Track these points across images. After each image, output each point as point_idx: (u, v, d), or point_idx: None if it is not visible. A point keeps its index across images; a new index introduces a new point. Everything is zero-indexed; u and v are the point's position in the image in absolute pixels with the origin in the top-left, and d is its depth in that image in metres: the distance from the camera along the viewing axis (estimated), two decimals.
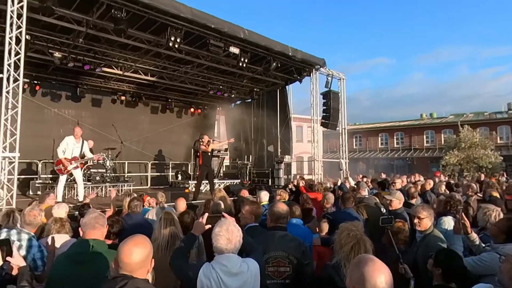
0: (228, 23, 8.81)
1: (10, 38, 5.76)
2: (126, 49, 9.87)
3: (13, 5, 5.76)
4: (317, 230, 4.07)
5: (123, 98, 13.04)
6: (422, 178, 10.26)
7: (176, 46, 8.35)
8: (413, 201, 5.47)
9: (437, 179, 9.52)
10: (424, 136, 33.04)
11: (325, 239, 3.79)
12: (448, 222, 3.72)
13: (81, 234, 2.45)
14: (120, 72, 11.39)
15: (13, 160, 5.84)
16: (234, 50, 9.30)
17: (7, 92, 5.80)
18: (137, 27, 8.32)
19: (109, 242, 2.97)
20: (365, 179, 10.33)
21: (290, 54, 10.45)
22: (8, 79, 5.78)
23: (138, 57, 10.39)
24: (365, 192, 6.47)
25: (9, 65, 5.78)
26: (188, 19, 8.04)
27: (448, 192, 6.77)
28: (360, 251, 2.28)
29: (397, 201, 4.57)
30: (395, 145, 34.51)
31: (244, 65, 9.88)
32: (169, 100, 14.31)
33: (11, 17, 5.76)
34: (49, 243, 3.05)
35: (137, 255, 1.69)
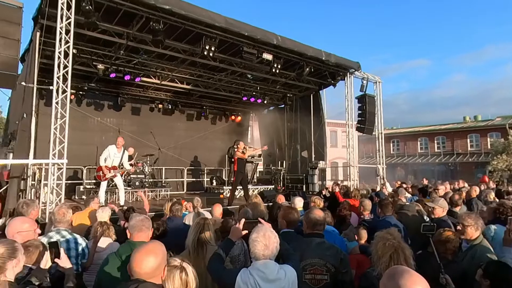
0: (261, 30, 8.89)
1: (59, 52, 6.20)
2: (163, 59, 10.26)
3: (61, 22, 6.20)
4: (356, 238, 3.95)
5: (160, 106, 13.52)
6: (466, 185, 9.63)
7: (211, 54, 8.54)
8: (457, 209, 5.14)
9: (482, 186, 8.88)
10: (468, 140, 30.92)
11: (363, 247, 3.67)
12: (497, 231, 3.47)
13: (128, 236, 2.55)
14: (158, 81, 11.84)
15: (61, 167, 6.23)
16: (267, 56, 9.36)
17: (57, 103, 6.22)
18: (173, 37, 8.63)
19: None
20: (404, 186, 9.90)
21: (323, 58, 10.32)
22: (57, 90, 6.21)
23: (175, 66, 10.75)
24: (404, 199, 6.19)
25: (58, 77, 6.21)
26: (222, 28, 8.20)
27: (498, 200, 6.27)
28: (400, 259, 2.18)
29: (440, 209, 4.34)
30: (436, 150, 32.62)
31: (277, 71, 9.90)
32: (204, 107, 14.66)
33: (60, 33, 6.21)
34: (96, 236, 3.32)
35: (148, 264, 1.68)
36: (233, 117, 15.75)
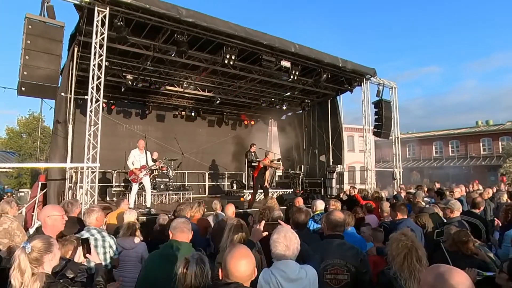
0: (279, 39, 8.97)
1: (94, 65, 6.54)
2: (186, 68, 10.50)
3: (96, 38, 6.55)
4: (372, 239, 3.95)
5: (183, 113, 13.83)
6: (480, 187, 9.49)
7: (231, 63, 8.68)
8: (477, 211, 5.05)
9: (496, 187, 8.73)
10: (481, 144, 30.83)
11: (380, 248, 3.66)
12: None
13: (170, 236, 2.66)
14: (181, 90, 12.11)
15: (94, 170, 6.52)
16: (286, 63, 9.40)
17: (91, 111, 6.54)
18: (196, 48, 8.82)
19: None
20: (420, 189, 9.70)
21: (340, 65, 10.29)
22: (91, 100, 6.53)
23: (197, 75, 10.98)
24: (422, 202, 6.10)
25: (92, 88, 6.54)
26: (242, 38, 8.33)
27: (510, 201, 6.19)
28: (413, 259, 2.21)
29: (449, 210, 4.36)
30: (450, 154, 32.42)
31: (295, 77, 9.91)
32: (224, 113, 14.87)
33: (95, 47, 6.55)
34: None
35: (245, 268, 1.72)
36: (252, 122, 15.84)
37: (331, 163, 12.89)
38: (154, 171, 9.98)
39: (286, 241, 2.19)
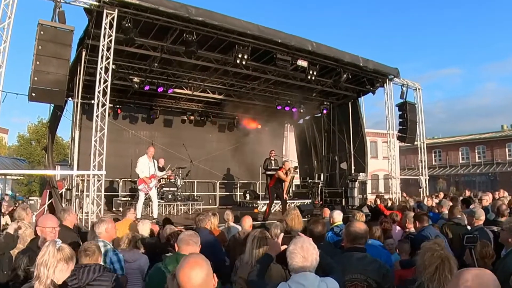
0: (295, 37, 9.07)
1: (101, 68, 6.83)
2: (195, 70, 10.71)
3: (104, 40, 6.85)
4: (397, 251, 3.96)
5: (192, 118, 13.93)
6: (506, 194, 9.56)
7: (244, 62, 8.82)
8: (503, 219, 5.03)
9: None
10: (507, 149, 30.94)
11: (405, 261, 3.67)
12: None
13: (176, 249, 2.78)
14: (190, 92, 12.32)
15: (100, 178, 6.73)
16: (302, 63, 9.46)
17: (97, 116, 6.79)
18: (206, 47, 9.03)
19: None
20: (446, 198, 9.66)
21: (361, 64, 10.29)
22: (98, 104, 6.79)
23: (207, 76, 11.17)
24: (447, 211, 6.12)
25: (99, 92, 6.82)
26: (255, 36, 8.48)
27: None
28: (445, 270, 2.21)
29: (471, 218, 4.47)
30: (477, 160, 32.49)
31: (313, 78, 9.97)
32: (236, 117, 14.83)
33: (102, 50, 6.84)
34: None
35: (197, 278, 1.66)
36: (266, 127, 15.66)
37: (353, 171, 12.78)
38: (161, 180, 10.12)
39: (303, 252, 2.18)
